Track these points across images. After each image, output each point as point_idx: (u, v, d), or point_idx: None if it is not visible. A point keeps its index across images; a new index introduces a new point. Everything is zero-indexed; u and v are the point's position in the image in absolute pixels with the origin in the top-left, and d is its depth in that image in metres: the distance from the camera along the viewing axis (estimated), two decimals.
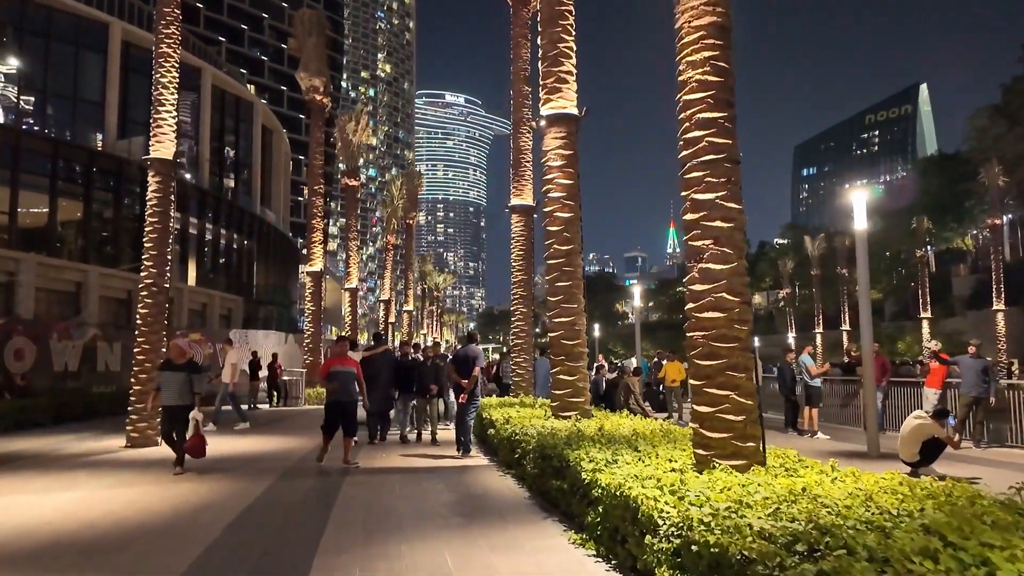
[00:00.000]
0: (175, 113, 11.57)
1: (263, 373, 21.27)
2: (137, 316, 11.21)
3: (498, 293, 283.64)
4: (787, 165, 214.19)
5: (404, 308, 39.22)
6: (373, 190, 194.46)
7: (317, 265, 23.05)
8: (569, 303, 9.06)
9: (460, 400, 10.04)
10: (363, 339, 62.79)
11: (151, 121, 11.48)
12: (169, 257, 11.40)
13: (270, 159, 49.82)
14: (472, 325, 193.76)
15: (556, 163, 9.18)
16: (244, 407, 16.15)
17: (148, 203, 11.29)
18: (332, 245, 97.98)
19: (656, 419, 10.50)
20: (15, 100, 30.36)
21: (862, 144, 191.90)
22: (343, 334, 21.69)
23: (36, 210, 29.10)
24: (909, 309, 65.70)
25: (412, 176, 38.21)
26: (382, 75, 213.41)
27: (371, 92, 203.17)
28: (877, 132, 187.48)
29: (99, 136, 31.91)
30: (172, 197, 11.46)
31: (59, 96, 32.12)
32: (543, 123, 9.24)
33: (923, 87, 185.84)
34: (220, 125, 42.38)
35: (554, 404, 8.95)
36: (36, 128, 30.52)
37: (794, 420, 13.53)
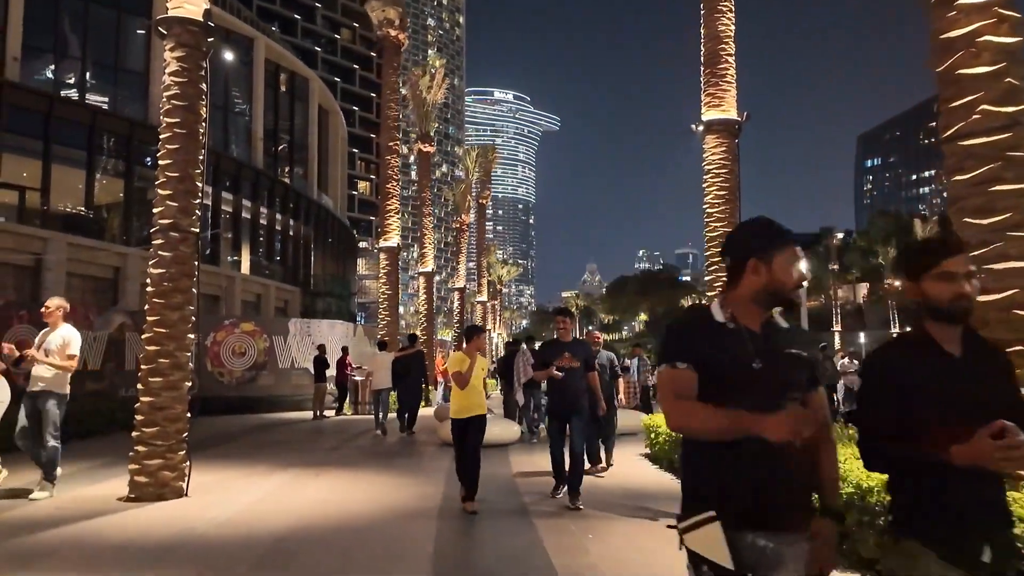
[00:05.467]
0: None
1: (330, 372, 16.88)
2: (148, 281, 6.78)
3: (547, 291, 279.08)
4: (849, 155, 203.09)
5: (477, 298, 34.75)
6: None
7: (393, 239, 18.62)
8: None
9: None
10: (444, 335, 58.78)
11: None
12: (201, 184, 6.93)
13: (327, 141, 46.07)
14: (525, 322, 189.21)
15: None
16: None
17: (165, 91, 6.84)
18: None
19: None
20: (50, 68, 26.98)
21: (930, 133, 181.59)
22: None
23: (71, 186, 25.57)
24: None
25: (487, 150, 33.67)
26: (432, 71, 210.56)
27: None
28: None
29: (142, 108, 28.31)
30: (204, 85, 6.99)
31: (99, 65, 28.62)
32: None
33: None
34: (274, 101, 38.67)
35: None
36: (73, 96, 27.04)
37: None
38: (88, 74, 28.17)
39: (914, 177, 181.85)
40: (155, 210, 6.78)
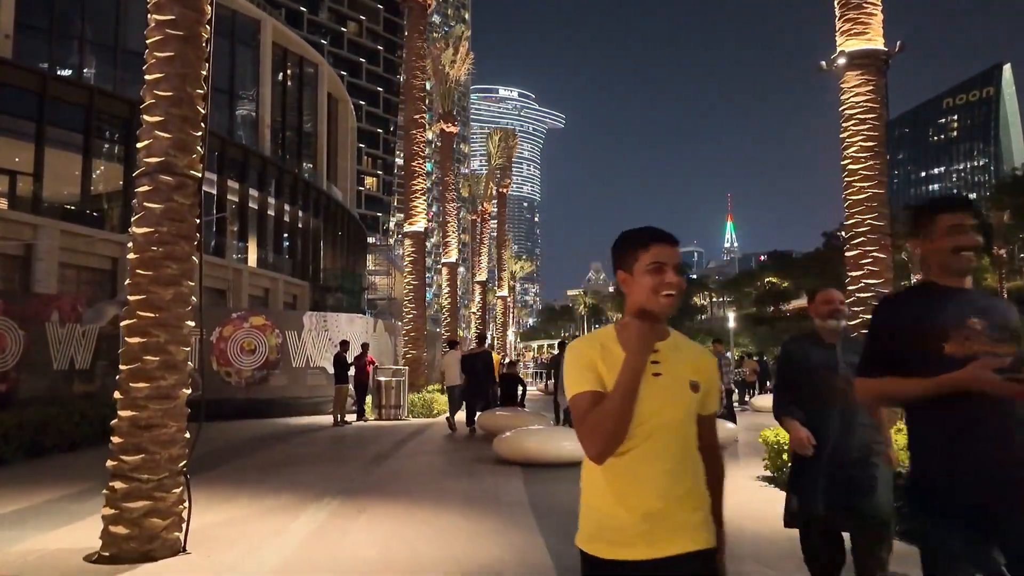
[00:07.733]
0: None
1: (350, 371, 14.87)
2: (130, 247, 4.79)
3: (552, 290, 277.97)
4: None
5: (498, 293, 32.83)
6: (429, 184, 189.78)
7: (419, 223, 16.64)
8: None
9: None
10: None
11: None
12: (204, 110, 4.93)
13: (336, 131, 44.14)
14: (532, 321, 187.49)
15: None
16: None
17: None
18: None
19: None
20: (45, 46, 25.10)
21: (939, 130, 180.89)
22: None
23: (66, 171, 23.65)
24: None
25: (508, 135, 31.68)
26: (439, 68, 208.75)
27: (428, 85, 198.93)
28: (956, 117, 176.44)
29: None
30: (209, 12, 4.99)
31: (97, 44, 26.77)
32: None
33: (1006, 68, 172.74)
34: (282, 87, 36.81)
35: None
36: (68, 75, 25.12)
37: None
38: (85, 53, 26.29)
39: (923, 174, 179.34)
40: (139, 144, 4.79)
